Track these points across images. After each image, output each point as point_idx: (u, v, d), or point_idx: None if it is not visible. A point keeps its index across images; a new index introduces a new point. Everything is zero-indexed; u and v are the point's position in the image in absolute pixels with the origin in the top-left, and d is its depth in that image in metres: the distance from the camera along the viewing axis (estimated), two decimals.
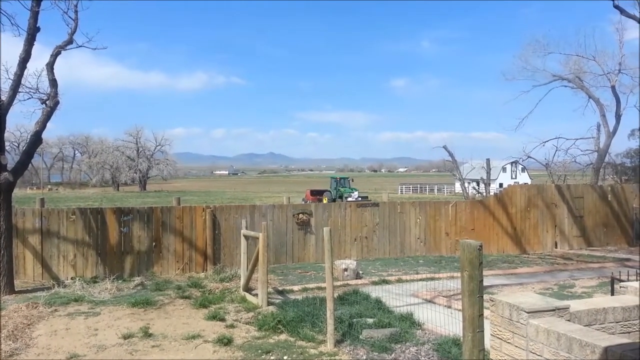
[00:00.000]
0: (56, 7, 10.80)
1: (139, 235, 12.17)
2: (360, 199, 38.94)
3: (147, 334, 7.39)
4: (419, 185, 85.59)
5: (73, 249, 11.65)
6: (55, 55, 10.94)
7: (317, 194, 45.42)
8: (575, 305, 4.50)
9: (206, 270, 12.47)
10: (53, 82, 10.78)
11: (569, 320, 4.15)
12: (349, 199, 39.38)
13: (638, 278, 7.03)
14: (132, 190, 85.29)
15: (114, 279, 11.13)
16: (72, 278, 11.30)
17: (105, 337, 7.30)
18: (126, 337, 7.25)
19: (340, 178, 48.25)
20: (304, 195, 46.25)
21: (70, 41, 10.99)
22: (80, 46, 11.12)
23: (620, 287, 5.22)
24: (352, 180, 49.55)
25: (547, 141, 24.62)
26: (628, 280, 6.53)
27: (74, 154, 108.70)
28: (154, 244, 12.28)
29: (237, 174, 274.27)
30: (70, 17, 10.93)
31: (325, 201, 38.24)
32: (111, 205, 17.91)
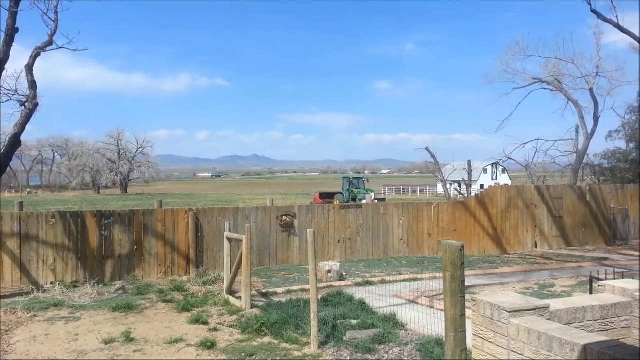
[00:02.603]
0: (35, 7, 10.65)
1: (120, 239, 12.03)
2: (376, 201, 35.02)
3: (128, 338, 7.31)
4: (402, 187, 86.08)
5: (53, 253, 11.46)
6: (34, 57, 10.77)
7: (327, 196, 39.66)
8: (555, 304, 4.57)
9: (189, 274, 12.37)
10: (32, 84, 10.62)
11: (549, 319, 4.22)
12: (364, 201, 33.78)
13: (616, 277, 7.17)
14: (113, 193, 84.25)
15: (94, 283, 10.97)
16: (51, 283, 11.12)
17: (86, 343, 7.19)
18: (107, 342, 7.15)
19: (354, 178, 42.03)
20: (312, 199, 40.64)
21: (50, 42, 10.83)
22: (60, 47, 10.96)
23: (599, 286, 5.32)
24: (368, 181, 43.44)
25: (527, 143, 25.07)
26: (606, 279, 6.65)
27: (54, 156, 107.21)
28: (135, 247, 12.14)
29: (220, 176, 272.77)
30: (50, 18, 10.78)
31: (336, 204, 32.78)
32: (91, 209, 17.67)
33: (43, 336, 7.50)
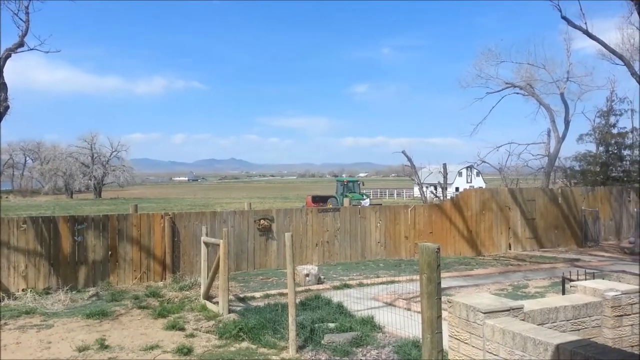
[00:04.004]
0: (5, 8, 10.45)
1: (93, 245, 11.81)
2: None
3: (103, 345, 7.18)
4: (379, 190, 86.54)
5: (24, 260, 11.18)
6: (4, 59, 10.55)
7: (320, 200, 36.94)
8: (528, 305, 4.66)
9: (165, 279, 12.22)
10: (2, 86, 10.39)
11: (523, 320, 4.30)
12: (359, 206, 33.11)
13: (587, 278, 7.34)
14: (87, 197, 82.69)
15: (67, 289, 10.75)
16: (23, 290, 10.85)
17: (59, 350, 7.04)
18: (81, 349, 7.01)
19: (348, 181, 39.38)
20: (304, 203, 37.56)
21: (20, 44, 10.63)
22: (32, 49, 10.76)
23: (571, 286, 5.45)
24: (363, 184, 41.30)
25: (501, 146, 25.59)
26: (578, 279, 6.81)
27: (25, 160, 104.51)
28: (109, 253, 11.93)
29: (197, 180, 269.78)
30: (20, 18, 10.60)
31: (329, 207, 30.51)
32: (64, 214, 17.31)
33: (14, 345, 7.31)
